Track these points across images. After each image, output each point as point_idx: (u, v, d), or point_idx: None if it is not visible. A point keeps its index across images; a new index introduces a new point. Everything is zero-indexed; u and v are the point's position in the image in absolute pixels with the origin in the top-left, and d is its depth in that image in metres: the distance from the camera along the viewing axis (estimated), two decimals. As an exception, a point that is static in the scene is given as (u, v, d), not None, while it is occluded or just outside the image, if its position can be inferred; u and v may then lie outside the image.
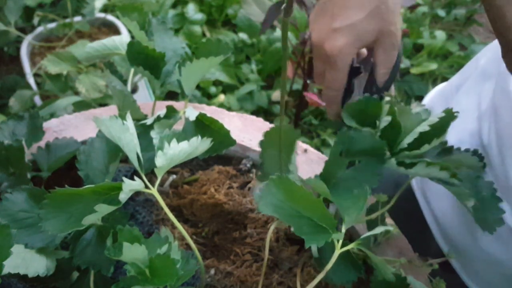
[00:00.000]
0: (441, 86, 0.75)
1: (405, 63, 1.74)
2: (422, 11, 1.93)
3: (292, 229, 0.41)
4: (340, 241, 0.42)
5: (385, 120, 0.47)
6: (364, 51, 0.57)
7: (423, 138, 0.46)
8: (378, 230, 0.44)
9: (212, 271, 0.54)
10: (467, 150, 0.52)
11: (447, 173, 0.44)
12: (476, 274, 0.61)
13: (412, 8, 1.86)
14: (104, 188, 0.39)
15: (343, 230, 0.42)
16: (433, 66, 1.72)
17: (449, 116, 0.46)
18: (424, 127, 0.46)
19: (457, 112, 0.46)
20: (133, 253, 0.36)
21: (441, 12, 1.96)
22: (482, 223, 0.48)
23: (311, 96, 0.58)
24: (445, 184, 0.46)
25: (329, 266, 0.41)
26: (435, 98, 0.72)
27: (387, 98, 0.48)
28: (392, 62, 0.55)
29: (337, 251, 0.41)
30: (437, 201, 0.64)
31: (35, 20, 1.30)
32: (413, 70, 1.74)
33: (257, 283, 0.53)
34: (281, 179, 0.42)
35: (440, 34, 1.83)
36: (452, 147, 0.52)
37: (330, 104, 0.58)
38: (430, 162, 0.44)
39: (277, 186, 0.42)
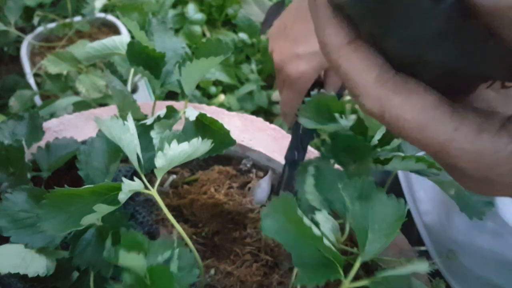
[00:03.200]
0: None
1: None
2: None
3: None
4: (350, 279, 0.36)
5: (350, 119, 0.47)
6: None
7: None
8: (411, 269, 0.35)
9: (212, 271, 0.54)
10: None
11: (424, 164, 0.43)
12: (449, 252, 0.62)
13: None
14: (103, 188, 0.39)
15: (358, 264, 0.36)
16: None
17: None
18: None
19: None
20: (131, 261, 0.36)
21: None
22: (469, 210, 0.46)
23: None
24: (424, 175, 0.45)
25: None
26: None
27: (347, 97, 0.48)
28: (340, 83, 0.59)
29: None
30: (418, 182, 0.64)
31: (35, 20, 1.30)
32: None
33: (257, 283, 0.53)
34: (284, 201, 0.37)
35: (440, 34, 1.83)
36: None
37: (284, 117, 0.62)
38: (405, 156, 0.43)
39: (280, 208, 0.37)
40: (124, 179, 0.37)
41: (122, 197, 0.37)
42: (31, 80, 1.19)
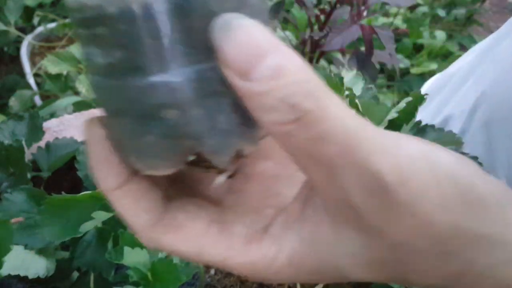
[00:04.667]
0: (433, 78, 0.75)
1: (405, 63, 1.74)
2: (422, 11, 1.93)
3: None
4: None
5: None
6: None
7: (393, 125, 0.44)
8: None
9: (212, 271, 0.54)
10: (440, 129, 0.52)
11: None
12: None
13: (412, 8, 1.86)
14: (101, 193, 0.39)
15: None
16: (433, 66, 1.72)
17: (417, 99, 0.44)
18: (392, 114, 0.44)
19: (427, 94, 0.44)
20: (135, 257, 0.36)
21: (441, 12, 1.96)
22: None
23: None
24: None
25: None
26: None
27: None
28: None
29: None
30: None
31: (35, 20, 1.30)
32: (413, 70, 1.74)
33: (257, 283, 0.53)
34: None
35: (440, 34, 1.83)
36: (426, 125, 0.52)
37: None
38: None
39: None
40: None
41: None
42: (31, 80, 1.19)
